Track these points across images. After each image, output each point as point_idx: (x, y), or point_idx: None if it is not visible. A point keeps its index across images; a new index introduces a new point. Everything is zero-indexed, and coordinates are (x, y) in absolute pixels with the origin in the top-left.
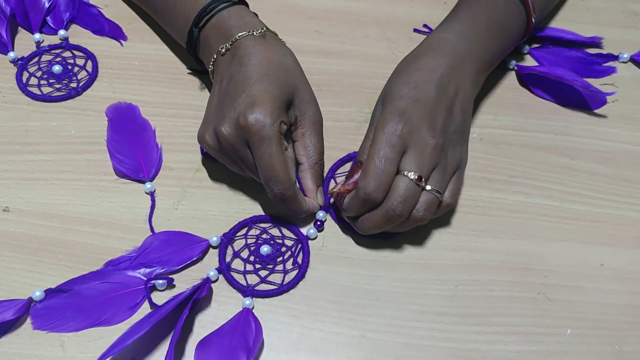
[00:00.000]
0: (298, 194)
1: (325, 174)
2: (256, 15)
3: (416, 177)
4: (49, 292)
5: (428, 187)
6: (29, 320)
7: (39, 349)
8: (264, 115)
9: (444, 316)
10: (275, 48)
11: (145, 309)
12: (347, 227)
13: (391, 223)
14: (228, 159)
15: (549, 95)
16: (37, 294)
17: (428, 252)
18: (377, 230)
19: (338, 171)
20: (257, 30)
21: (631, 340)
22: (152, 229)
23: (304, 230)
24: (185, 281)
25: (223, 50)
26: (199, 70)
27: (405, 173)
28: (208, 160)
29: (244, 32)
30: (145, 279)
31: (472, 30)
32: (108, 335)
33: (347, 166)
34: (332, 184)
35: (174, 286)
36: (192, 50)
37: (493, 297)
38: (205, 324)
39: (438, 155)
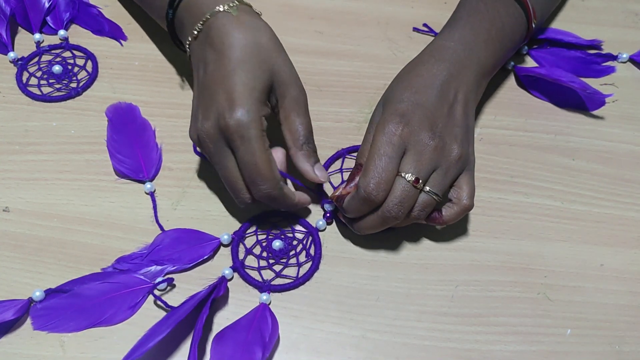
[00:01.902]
0: (285, 190)
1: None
2: None
3: (413, 179)
4: (49, 292)
5: (426, 189)
6: (29, 321)
7: (39, 349)
8: (244, 114)
9: (444, 316)
10: (248, 26)
11: (145, 309)
12: (346, 228)
13: (387, 224)
14: (211, 157)
15: (546, 97)
16: (37, 294)
17: (428, 252)
18: (373, 230)
19: (329, 170)
20: (228, 4)
21: (631, 340)
22: (160, 226)
23: (313, 222)
24: (197, 279)
25: (195, 32)
26: None
27: (403, 174)
28: (202, 159)
29: (214, 9)
30: (149, 280)
31: (473, 37)
32: (108, 335)
33: (337, 164)
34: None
35: (174, 286)
36: (173, 35)
37: (493, 297)
38: (223, 321)
39: (438, 157)
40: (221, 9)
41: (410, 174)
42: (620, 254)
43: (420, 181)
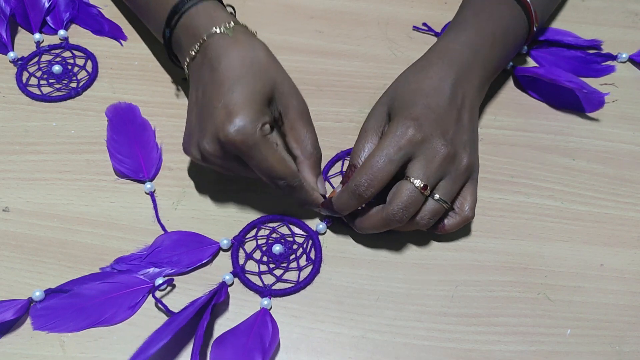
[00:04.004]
0: (304, 182)
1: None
2: (233, 8)
3: (421, 185)
4: (49, 293)
5: (436, 197)
6: (29, 321)
7: (39, 349)
8: (244, 125)
9: (444, 316)
10: (244, 44)
11: (145, 309)
12: (347, 228)
13: (389, 226)
14: (218, 168)
15: (543, 98)
16: (37, 294)
17: (428, 252)
18: (374, 231)
19: (330, 173)
20: (224, 25)
21: (631, 341)
22: (162, 226)
23: (312, 226)
24: (197, 279)
25: (193, 53)
26: None
27: (412, 180)
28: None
29: (211, 31)
30: (149, 280)
31: (479, 40)
32: (108, 335)
33: (338, 166)
34: (328, 188)
35: (174, 286)
36: (170, 52)
37: (493, 297)
38: (224, 327)
39: (447, 165)
40: (217, 31)
41: (419, 180)
42: (620, 254)
43: (428, 188)
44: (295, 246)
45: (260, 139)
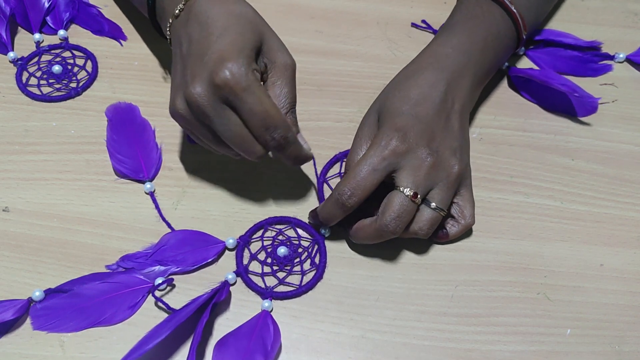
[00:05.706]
0: (297, 135)
1: (317, 177)
2: None
3: (411, 194)
4: (48, 292)
5: (432, 205)
6: (29, 320)
7: (38, 349)
8: (237, 67)
9: (443, 316)
10: (232, 1)
11: (145, 309)
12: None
13: (383, 237)
14: (201, 127)
15: (537, 100)
16: (37, 294)
17: (428, 252)
18: (369, 241)
19: (328, 175)
20: None
21: (631, 340)
22: (168, 224)
23: (319, 231)
24: (198, 279)
25: (177, 12)
26: None
27: (401, 189)
28: (193, 145)
29: None
30: (148, 280)
31: (469, 44)
32: (108, 335)
33: (337, 167)
34: (326, 189)
35: (174, 286)
36: (154, 21)
37: (493, 297)
38: (224, 326)
39: (436, 173)
40: None
41: (408, 189)
42: (620, 254)
43: (419, 196)
44: (300, 250)
45: (254, 81)
